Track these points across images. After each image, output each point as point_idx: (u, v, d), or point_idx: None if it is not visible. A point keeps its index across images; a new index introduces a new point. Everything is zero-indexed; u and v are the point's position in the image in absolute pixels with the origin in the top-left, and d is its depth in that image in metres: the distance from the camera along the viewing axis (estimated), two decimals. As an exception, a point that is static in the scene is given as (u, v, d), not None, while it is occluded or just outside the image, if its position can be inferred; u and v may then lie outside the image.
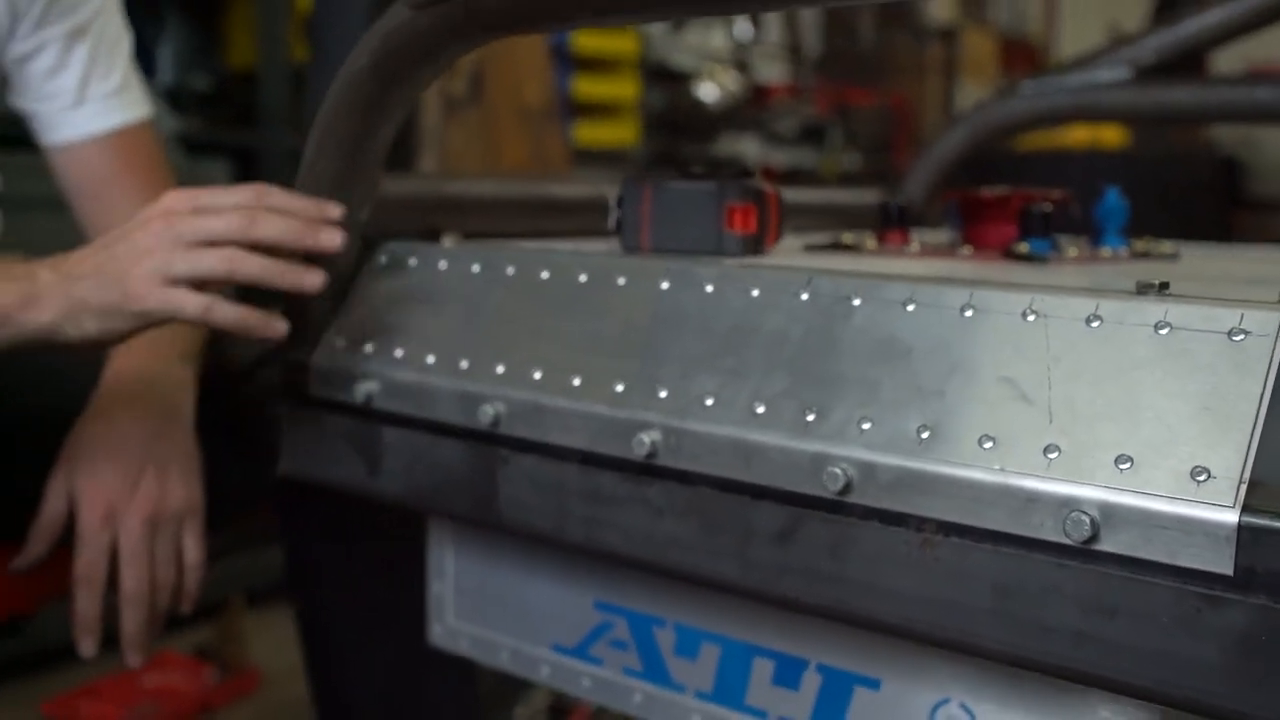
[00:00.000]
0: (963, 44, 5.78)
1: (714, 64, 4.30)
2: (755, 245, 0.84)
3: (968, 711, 0.69)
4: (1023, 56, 6.41)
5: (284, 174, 1.07)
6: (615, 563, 0.75)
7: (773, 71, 4.78)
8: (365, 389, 0.83)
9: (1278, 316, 0.54)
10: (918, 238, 1.06)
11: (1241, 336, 0.54)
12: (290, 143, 2.55)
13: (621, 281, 0.75)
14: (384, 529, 1.01)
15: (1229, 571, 0.51)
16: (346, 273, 0.89)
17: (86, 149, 1.21)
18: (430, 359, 0.80)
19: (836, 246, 0.99)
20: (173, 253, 0.84)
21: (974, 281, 0.64)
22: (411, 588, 1.01)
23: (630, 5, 0.79)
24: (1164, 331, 0.56)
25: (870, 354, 0.63)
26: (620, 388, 0.70)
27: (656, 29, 4.22)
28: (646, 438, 0.68)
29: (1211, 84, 1.38)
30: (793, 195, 0.96)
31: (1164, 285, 0.60)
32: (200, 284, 0.84)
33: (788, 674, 0.76)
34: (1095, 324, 0.58)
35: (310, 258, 0.87)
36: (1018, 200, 0.97)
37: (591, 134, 3.87)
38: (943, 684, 0.70)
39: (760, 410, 0.65)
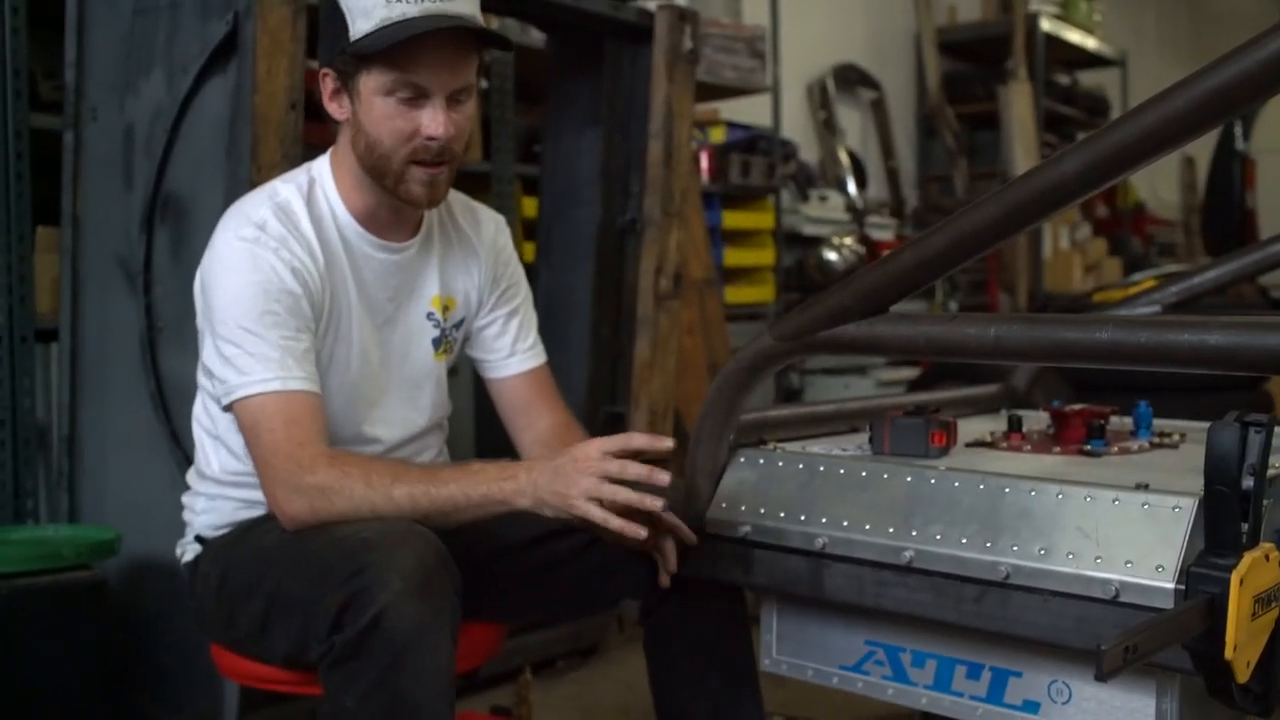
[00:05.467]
0: (1046, 192, 6.50)
1: (836, 231, 5.09)
2: (945, 451, 1.61)
3: (1066, 685, 1.43)
4: (1100, 196, 7.15)
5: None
6: (880, 618, 1.51)
7: (883, 228, 5.55)
8: (744, 530, 1.60)
9: (1191, 500, 1.29)
10: (1027, 433, 1.81)
11: (1178, 509, 1.30)
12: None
13: (885, 475, 1.52)
14: (715, 602, 1.77)
15: (1170, 605, 1.25)
16: (722, 467, 1.66)
17: (514, 381, 2.01)
18: (782, 514, 1.57)
19: (981, 444, 1.75)
20: (596, 485, 1.52)
21: (1062, 480, 1.40)
22: (736, 635, 1.76)
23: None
24: (1146, 506, 1.32)
25: (1015, 515, 1.39)
26: (891, 529, 1.47)
27: (785, 203, 5.04)
28: (906, 554, 1.44)
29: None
30: (945, 395, 1.74)
31: (1145, 485, 1.35)
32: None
33: (974, 672, 1.50)
34: (1116, 502, 1.33)
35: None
36: (1087, 414, 1.73)
37: (737, 295, 4.66)
38: (1053, 670, 1.43)
39: (964, 540, 1.41)
